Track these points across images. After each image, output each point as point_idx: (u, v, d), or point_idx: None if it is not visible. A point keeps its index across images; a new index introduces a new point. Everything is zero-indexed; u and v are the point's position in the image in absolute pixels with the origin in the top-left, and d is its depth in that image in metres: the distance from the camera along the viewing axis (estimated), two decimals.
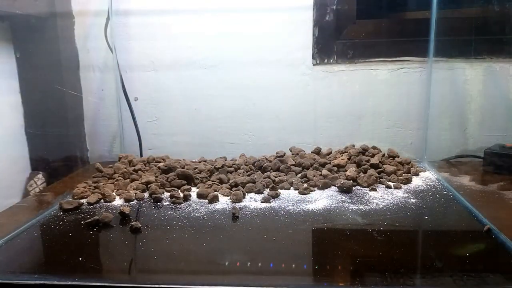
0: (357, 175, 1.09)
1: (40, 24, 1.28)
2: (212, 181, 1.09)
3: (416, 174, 1.16)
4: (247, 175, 1.12)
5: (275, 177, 1.11)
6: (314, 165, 1.16)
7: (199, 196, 1.01)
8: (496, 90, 1.33)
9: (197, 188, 1.05)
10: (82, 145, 1.44)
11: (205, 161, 1.26)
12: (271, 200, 0.99)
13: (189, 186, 1.06)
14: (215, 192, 1.01)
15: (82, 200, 0.99)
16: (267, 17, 1.33)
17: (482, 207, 0.92)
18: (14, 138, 1.31)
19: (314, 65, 1.37)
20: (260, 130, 1.42)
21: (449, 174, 1.21)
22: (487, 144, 1.29)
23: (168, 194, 1.02)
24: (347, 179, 1.07)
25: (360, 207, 0.94)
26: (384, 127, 1.38)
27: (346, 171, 1.13)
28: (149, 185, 1.06)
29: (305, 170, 1.15)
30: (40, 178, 1.33)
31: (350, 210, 0.92)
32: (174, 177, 1.10)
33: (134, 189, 1.05)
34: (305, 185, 1.06)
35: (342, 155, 1.22)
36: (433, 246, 0.77)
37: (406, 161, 1.21)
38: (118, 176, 1.12)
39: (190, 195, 1.01)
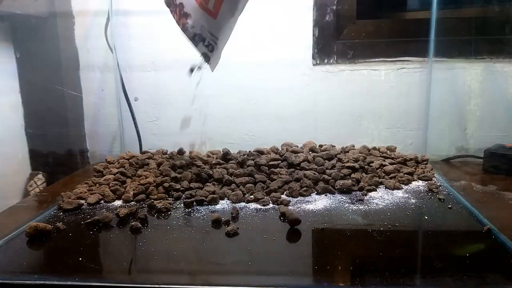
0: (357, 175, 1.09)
1: (40, 24, 1.28)
2: (213, 182, 1.09)
3: (420, 176, 1.14)
4: (247, 175, 1.12)
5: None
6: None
7: (199, 196, 1.01)
8: (496, 90, 1.33)
9: (198, 188, 1.05)
10: (82, 145, 1.44)
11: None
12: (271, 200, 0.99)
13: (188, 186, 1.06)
14: (215, 193, 1.01)
15: (82, 201, 0.99)
16: (267, 17, 1.33)
17: (482, 207, 0.92)
18: (14, 138, 1.31)
19: (314, 65, 1.37)
20: (260, 130, 1.42)
21: (449, 174, 1.21)
22: (487, 144, 1.29)
23: (168, 194, 1.02)
24: (347, 179, 1.07)
25: (360, 207, 0.94)
26: (384, 127, 1.39)
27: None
28: (148, 186, 1.05)
29: (304, 170, 1.15)
30: (40, 178, 1.33)
31: (350, 210, 0.92)
32: (174, 177, 1.10)
33: (133, 189, 1.05)
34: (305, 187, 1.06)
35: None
36: (433, 246, 0.77)
37: (423, 159, 1.23)
38: (118, 177, 1.12)
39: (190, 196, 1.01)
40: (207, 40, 0.99)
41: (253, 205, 0.97)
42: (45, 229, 0.82)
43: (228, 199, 1.00)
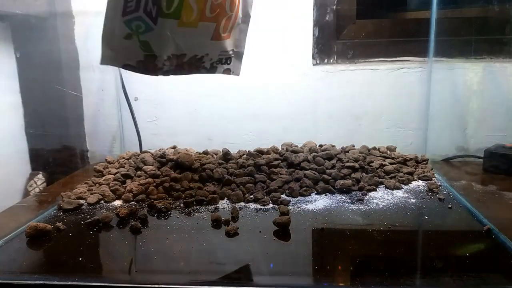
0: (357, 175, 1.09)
1: (40, 24, 1.28)
2: (213, 182, 1.09)
3: (420, 176, 1.15)
4: (247, 175, 1.12)
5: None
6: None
7: (199, 196, 1.01)
8: (496, 90, 1.33)
9: (198, 188, 1.05)
10: (82, 145, 1.44)
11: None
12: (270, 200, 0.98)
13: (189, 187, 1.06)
14: (215, 193, 1.01)
15: (82, 201, 0.99)
16: (267, 17, 1.33)
17: (482, 207, 0.92)
18: (14, 138, 1.31)
19: (314, 65, 1.37)
20: (260, 130, 1.42)
21: (449, 174, 1.21)
22: (487, 144, 1.29)
23: (168, 194, 1.02)
24: (347, 179, 1.07)
25: (360, 207, 0.94)
26: (384, 127, 1.39)
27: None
28: (148, 186, 1.05)
29: (304, 170, 1.15)
30: (40, 178, 1.33)
31: (350, 210, 0.92)
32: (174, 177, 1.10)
33: (133, 189, 1.05)
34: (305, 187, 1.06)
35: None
36: (433, 246, 0.77)
37: (423, 159, 1.24)
38: (118, 177, 1.12)
39: (190, 196, 1.00)
40: (224, 59, 1.02)
41: (253, 205, 0.97)
42: (45, 229, 0.82)
43: (228, 199, 1.00)
